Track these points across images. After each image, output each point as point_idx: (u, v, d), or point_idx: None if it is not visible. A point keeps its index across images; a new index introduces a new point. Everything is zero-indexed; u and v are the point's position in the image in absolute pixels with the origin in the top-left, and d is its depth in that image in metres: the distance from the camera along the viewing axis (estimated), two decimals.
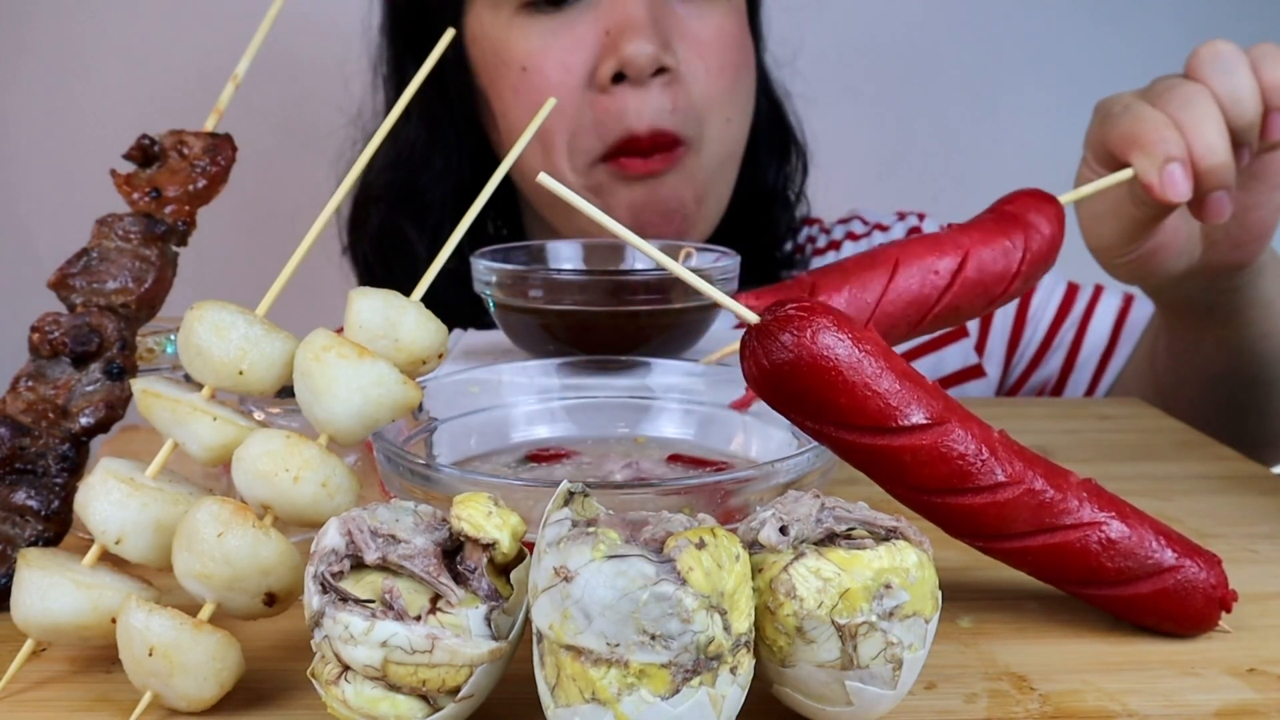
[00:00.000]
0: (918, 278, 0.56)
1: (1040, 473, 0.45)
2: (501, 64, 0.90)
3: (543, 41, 0.88)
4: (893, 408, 0.43)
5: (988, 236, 0.57)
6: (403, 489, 0.49)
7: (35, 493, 0.50)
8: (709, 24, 0.90)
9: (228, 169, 0.53)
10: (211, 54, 1.00)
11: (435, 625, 0.37)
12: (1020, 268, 0.57)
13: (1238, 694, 0.43)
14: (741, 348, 0.44)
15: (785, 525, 0.38)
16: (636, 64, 0.85)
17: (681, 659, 0.34)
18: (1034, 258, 0.58)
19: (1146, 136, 0.60)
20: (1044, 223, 0.59)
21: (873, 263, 0.56)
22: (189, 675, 0.40)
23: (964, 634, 0.48)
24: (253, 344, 0.45)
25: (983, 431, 0.45)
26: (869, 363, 0.43)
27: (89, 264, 0.52)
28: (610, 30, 0.86)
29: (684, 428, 0.60)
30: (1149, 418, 0.81)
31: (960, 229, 0.58)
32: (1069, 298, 1.01)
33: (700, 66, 0.89)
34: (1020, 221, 0.58)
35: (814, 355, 0.42)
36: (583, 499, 0.39)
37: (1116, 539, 0.45)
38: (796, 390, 0.43)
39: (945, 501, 0.45)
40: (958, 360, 1.00)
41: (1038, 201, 0.59)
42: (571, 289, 0.64)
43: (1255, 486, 0.66)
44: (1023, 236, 0.58)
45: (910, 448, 0.43)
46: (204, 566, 0.42)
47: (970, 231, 0.57)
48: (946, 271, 0.56)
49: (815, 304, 0.43)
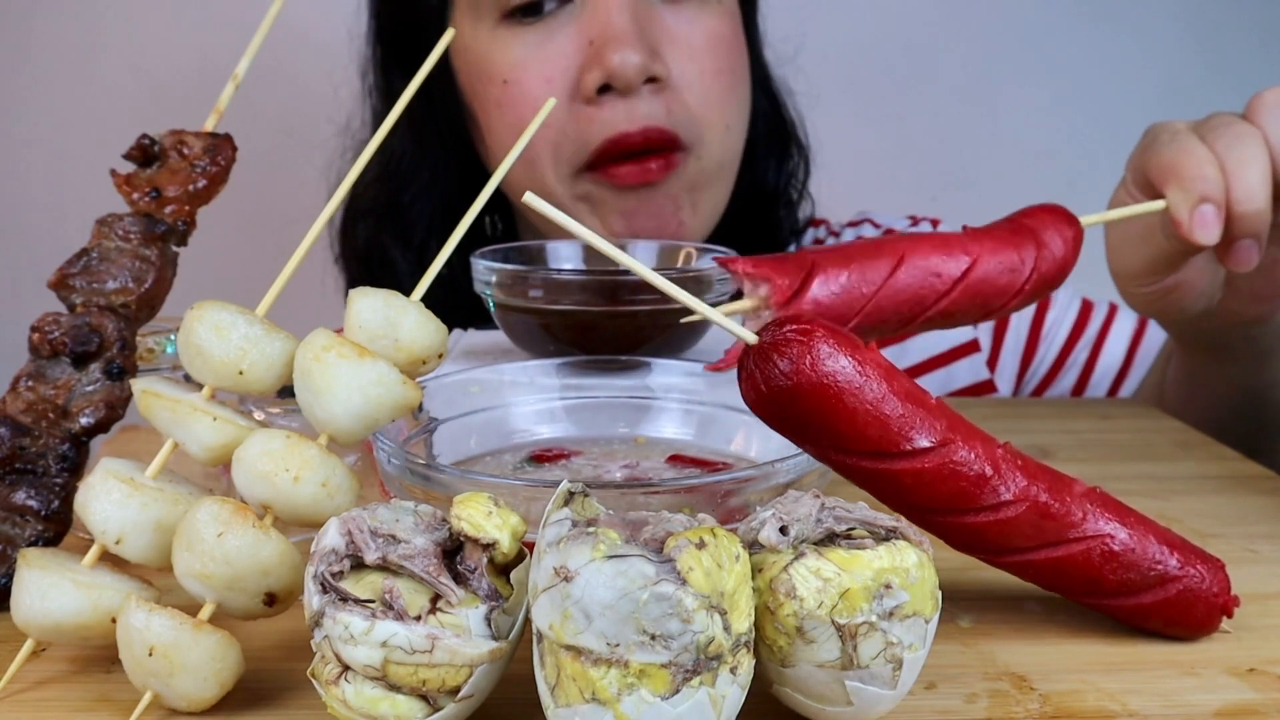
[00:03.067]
0: (920, 277, 0.54)
1: (1044, 487, 0.44)
2: (484, 77, 0.88)
3: (524, 53, 0.85)
4: (895, 433, 0.42)
5: (999, 247, 0.55)
6: (403, 489, 0.49)
7: (35, 493, 0.50)
8: (699, 28, 0.87)
9: (228, 169, 0.53)
10: (211, 54, 1.00)
11: (435, 625, 0.37)
12: (1024, 286, 0.56)
13: (1238, 694, 0.43)
14: (739, 369, 0.43)
15: (785, 525, 0.38)
16: (623, 75, 0.82)
17: (681, 659, 0.34)
18: (1040, 278, 0.56)
19: (1187, 171, 0.58)
20: (1059, 244, 0.57)
21: (878, 252, 0.54)
22: (189, 675, 0.40)
23: (964, 634, 0.48)
24: (253, 344, 0.45)
25: (987, 449, 0.44)
26: (870, 387, 0.42)
27: (89, 264, 0.52)
28: (594, 40, 0.83)
29: (684, 428, 0.60)
30: (1149, 418, 0.81)
31: (973, 234, 0.56)
32: (1083, 316, 1.00)
33: (694, 71, 0.86)
34: (1035, 238, 0.56)
35: (813, 383, 0.41)
36: (583, 499, 0.39)
37: (1119, 551, 0.45)
38: (796, 415, 0.42)
39: (948, 521, 0.44)
40: (968, 375, 0.99)
41: (1057, 221, 0.57)
42: (571, 289, 0.64)
43: (1255, 486, 0.66)
44: (1034, 254, 0.56)
45: (913, 471, 0.43)
46: (204, 566, 0.42)
47: (982, 239, 0.56)
48: (950, 276, 0.54)
49: (814, 324, 0.42)
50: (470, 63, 0.89)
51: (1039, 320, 1.00)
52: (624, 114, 0.84)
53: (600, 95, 0.84)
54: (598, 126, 0.84)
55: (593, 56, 0.83)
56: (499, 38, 0.86)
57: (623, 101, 0.84)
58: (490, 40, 0.87)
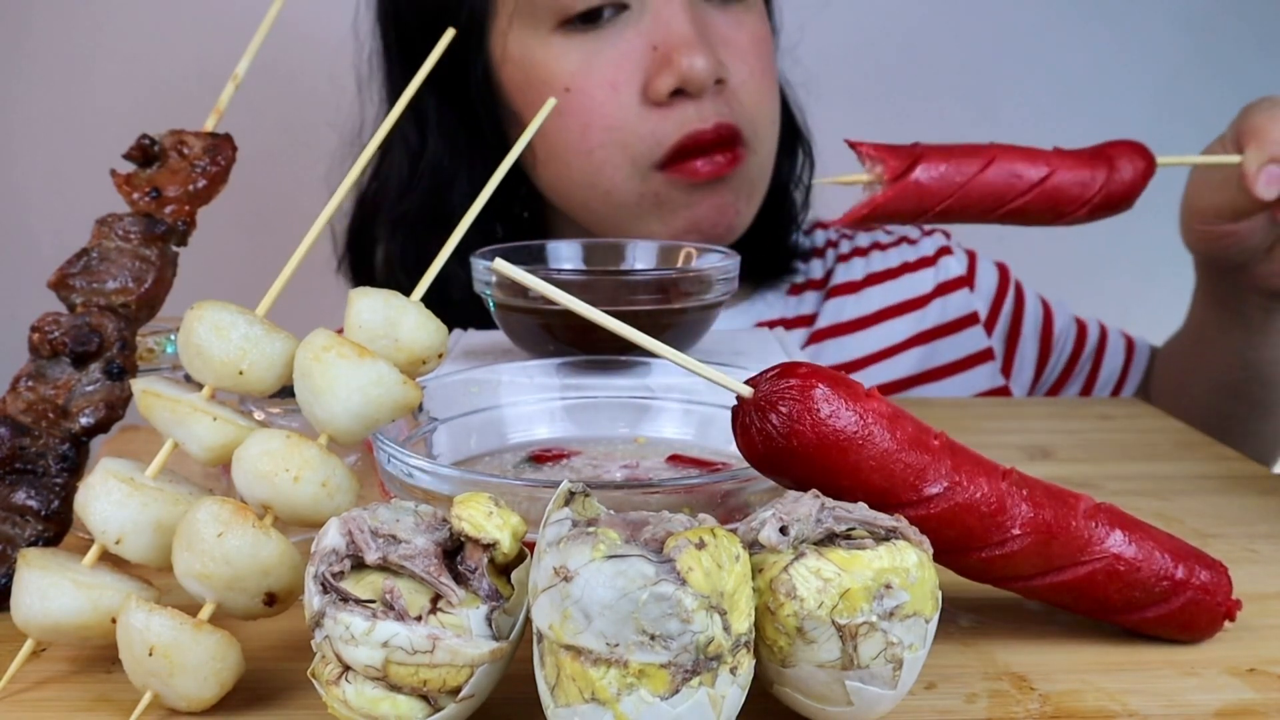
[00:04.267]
0: (1004, 177, 0.63)
1: (1050, 516, 0.44)
2: (541, 85, 0.88)
3: (585, 60, 0.86)
4: (900, 484, 0.42)
5: (1076, 164, 0.64)
6: (403, 489, 0.49)
7: (35, 493, 0.50)
8: (745, 30, 0.90)
9: (228, 169, 0.53)
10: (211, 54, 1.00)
11: (436, 625, 0.37)
12: (1092, 198, 0.64)
13: (1238, 694, 0.43)
14: (733, 423, 0.43)
15: (785, 525, 0.38)
16: (697, 80, 0.84)
17: (681, 659, 0.34)
18: (1107, 196, 0.64)
19: (1268, 134, 0.65)
20: (1129, 170, 0.65)
21: (975, 152, 0.63)
22: (189, 675, 0.40)
23: (964, 634, 0.48)
24: (253, 344, 0.45)
25: (992, 485, 0.43)
26: (873, 440, 0.41)
27: (89, 264, 0.52)
28: (658, 46, 0.85)
29: (684, 428, 0.60)
30: (1149, 418, 0.81)
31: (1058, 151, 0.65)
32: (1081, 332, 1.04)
33: (745, 71, 0.89)
34: (1110, 162, 0.65)
35: (813, 442, 0.41)
36: (583, 499, 0.39)
37: (1124, 571, 0.45)
38: (797, 472, 0.42)
39: (955, 560, 0.44)
40: (984, 382, 1.00)
41: (1133, 152, 0.66)
42: (571, 289, 0.64)
43: (1255, 486, 0.66)
44: (1105, 173, 0.64)
45: (919, 519, 0.42)
46: (204, 566, 0.42)
47: (1065, 157, 0.64)
48: (1029, 180, 0.63)
49: (811, 373, 0.41)
50: (523, 72, 0.89)
51: (1048, 331, 1.04)
52: (695, 113, 0.86)
53: (671, 98, 0.86)
54: (671, 125, 0.86)
55: (661, 61, 0.85)
56: (554, 45, 0.87)
57: (692, 103, 0.86)
58: (545, 49, 0.87)
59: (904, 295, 1.02)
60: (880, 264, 1.04)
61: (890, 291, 1.02)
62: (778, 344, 0.75)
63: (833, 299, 1.02)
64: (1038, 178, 0.63)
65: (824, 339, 1.00)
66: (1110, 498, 0.47)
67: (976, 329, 1.01)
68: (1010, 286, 1.04)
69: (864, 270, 1.03)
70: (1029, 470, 0.46)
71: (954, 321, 1.01)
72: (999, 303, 1.03)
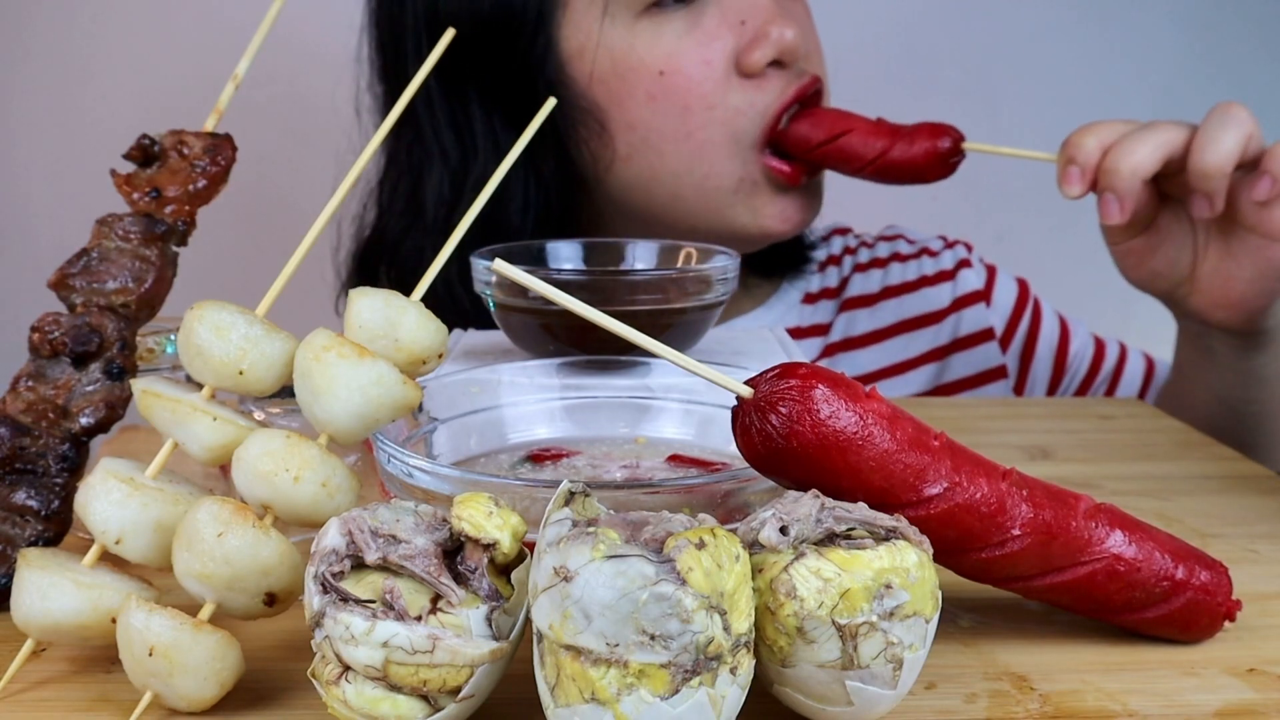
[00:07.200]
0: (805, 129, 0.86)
1: (1050, 516, 0.44)
2: (629, 72, 0.87)
3: (676, 41, 0.87)
4: (900, 484, 0.42)
5: (874, 131, 0.83)
6: (403, 489, 0.49)
7: (35, 493, 0.50)
8: (801, 5, 0.93)
9: (228, 169, 0.53)
10: (211, 54, 1.00)
11: (436, 625, 0.37)
12: (873, 158, 0.83)
13: (1238, 694, 0.43)
14: (733, 423, 0.43)
15: (785, 525, 0.38)
16: (791, 49, 0.86)
17: (681, 659, 0.34)
18: (886, 162, 0.82)
19: (1074, 139, 0.74)
20: (919, 144, 0.81)
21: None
22: (189, 675, 0.40)
23: (964, 634, 0.48)
24: (253, 344, 0.45)
25: (992, 485, 0.43)
26: (872, 441, 0.41)
27: (89, 264, 0.52)
28: (746, 20, 0.87)
29: (684, 428, 0.60)
30: (1149, 418, 0.81)
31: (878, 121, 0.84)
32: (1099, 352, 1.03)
33: (812, 44, 0.92)
34: (905, 133, 0.82)
35: (813, 442, 0.41)
36: (583, 499, 0.39)
37: (1125, 572, 0.45)
38: (797, 473, 0.42)
39: (955, 560, 0.44)
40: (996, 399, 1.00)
41: (934, 129, 0.81)
42: (571, 289, 0.64)
43: (1255, 486, 0.66)
44: (890, 141, 0.82)
45: (919, 519, 0.42)
46: (204, 566, 0.42)
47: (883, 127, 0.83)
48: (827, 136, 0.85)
49: (811, 374, 0.41)
50: (610, 61, 0.88)
51: (1063, 350, 1.03)
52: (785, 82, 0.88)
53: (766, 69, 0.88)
54: (770, 96, 0.88)
55: (754, 35, 0.87)
56: (641, 31, 0.87)
57: (780, 74, 0.88)
58: (631, 35, 0.87)
59: (920, 309, 1.02)
60: (899, 276, 1.03)
61: (906, 305, 1.02)
62: (778, 344, 0.75)
63: (847, 311, 1.02)
64: (835, 134, 0.83)
65: (836, 352, 1.00)
66: (1110, 498, 0.47)
67: (991, 345, 1.01)
68: (1029, 303, 1.03)
69: (881, 283, 1.03)
70: (1029, 470, 0.46)
71: (968, 336, 1.01)
72: (1016, 319, 1.02)
